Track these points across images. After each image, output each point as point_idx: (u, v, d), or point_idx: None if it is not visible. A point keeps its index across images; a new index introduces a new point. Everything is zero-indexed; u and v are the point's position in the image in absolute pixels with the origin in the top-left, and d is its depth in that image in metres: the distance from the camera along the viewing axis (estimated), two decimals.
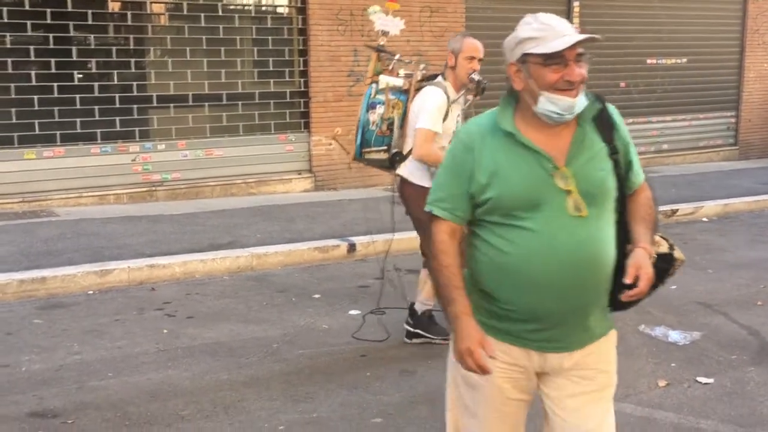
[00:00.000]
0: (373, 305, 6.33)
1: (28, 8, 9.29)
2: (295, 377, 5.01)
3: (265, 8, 11.24)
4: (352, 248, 8.07)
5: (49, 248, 7.51)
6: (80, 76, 9.74)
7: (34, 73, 9.46)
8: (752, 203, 10.92)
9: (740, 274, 7.46)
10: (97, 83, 9.81)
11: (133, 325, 5.97)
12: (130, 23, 10.02)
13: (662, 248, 2.63)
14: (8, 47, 9.31)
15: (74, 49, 9.66)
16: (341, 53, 11.16)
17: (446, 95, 5.23)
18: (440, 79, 5.36)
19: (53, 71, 9.54)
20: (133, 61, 10.11)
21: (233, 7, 10.86)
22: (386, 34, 5.93)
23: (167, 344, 5.57)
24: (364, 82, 6.10)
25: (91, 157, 9.83)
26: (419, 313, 5.58)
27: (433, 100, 5.20)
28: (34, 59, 9.44)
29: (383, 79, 5.55)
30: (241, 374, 5.05)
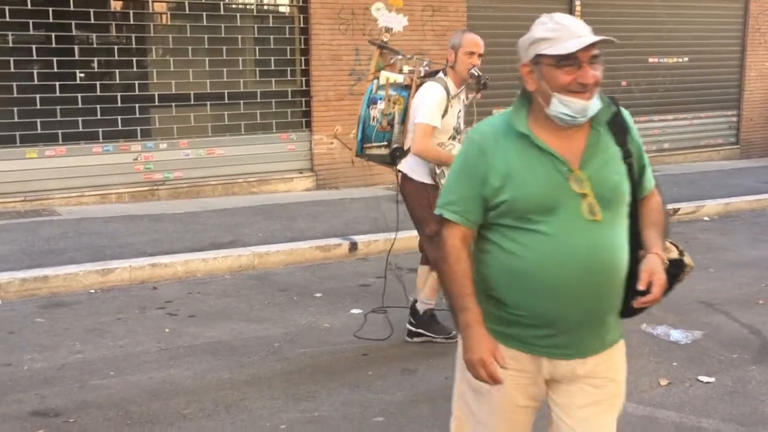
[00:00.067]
0: (374, 304, 6.34)
1: (30, 7, 9.29)
2: (296, 376, 5.02)
3: (266, 7, 11.24)
4: (353, 247, 8.07)
5: (51, 247, 7.52)
6: (82, 75, 9.74)
7: (36, 72, 9.47)
8: (753, 202, 10.92)
9: (741, 273, 7.46)
10: (99, 82, 9.82)
11: (134, 324, 5.98)
12: (132, 22, 10.03)
13: (673, 254, 2.60)
14: (10, 46, 9.32)
15: (76, 48, 9.67)
16: (343, 52, 11.16)
17: (446, 91, 5.23)
18: (441, 75, 5.36)
19: (55, 70, 9.54)
20: (134, 60, 10.12)
21: (235, 6, 10.86)
22: (390, 30, 5.93)
23: (169, 343, 5.58)
24: (366, 78, 6.10)
25: (92, 156, 9.83)
26: (421, 312, 5.58)
27: (432, 95, 5.19)
28: (36, 58, 9.45)
29: (384, 74, 5.55)
30: (242, 373, 5.05)
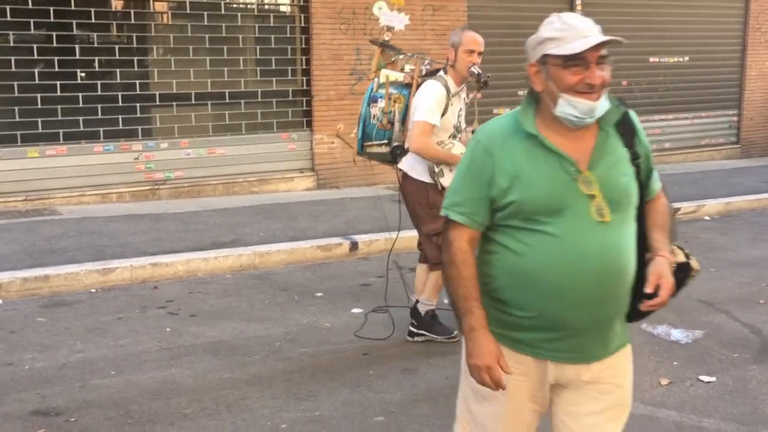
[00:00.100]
0: (375, 303, 6.35)
1: (31, 6, 9.29)
2: (297, 375, 5.02)
3: (267, 7, 11.24)
4: (354, 246, 8.08)
5: (52, 246, 7.52)
6: (83, 74, 9.75)
7: (37, 71, 9.47)
8: (754, 201, 10.93)
9: (742, 272, 7.46)
10: (99, 82, 9.83)
11: (135, 323, 5.98)
12: (132, 22, 10.04)
13: (679, 258, 2.57)
14: (11, 45, 9.32)
15: (77, 47, 9.67)
16: (344, 52, 11.16)
17: (446, 89, 5.22)
18: (441, 73, 5.35)
19: (56, 70, 9.55)
20: (135, 59, 10.12)
21: (236, 5, 10.87)
22: (391, 29, 5.94)
23: (170, 342, 5.58)
24: (367, 76, 6.11)
25: (93, 155, 9.83)
26: (422, 313, 5.58)
27: (431, 93, 5.19)
28: (37, 58, 9.44)
29: (384, 72, 5.56)
30: (243, 372, 5.06)
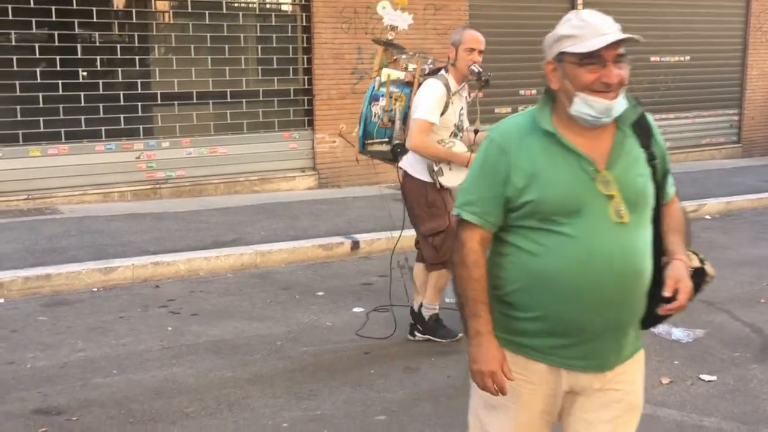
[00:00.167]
0: (376, 302, 6.36)
1: (32, 6, 9.30)
2: (299, 374, 5.03)
3: (269, 6, 11.24)
4: (355, 246, 8.08)
5: (53, 245, 7.53)
6: (85, 73, 9.76)
7: (38, 70, 9.47)
8: (755, 201, 10.93)
9: (743, 271, 7.46)
10: (101, 81, 9.84)
11: (137, 322, 5.99)
12: (134, 21, 10.05)
13: (694, 262, 2.51)
14: (13, 44, 9.32)
15: (79, 46, 9.67)
16: (345, 51, 11.16)
17: (446, 87, 5.22)
18: (442, 72, 5.35)
19: (58, 69, 9.56)
20: (137, 58, 10.12)
21: (237, 4, 10.87)
22: (395, 29, 5.95)
23: (171, 341, 5.59)
24: (370, 75, 6.12)
25: (95, 154, 9.84)
26: (426, 318, 5.57)
27: (431, 91, 5.19)
28: (38, 57, 9.45)
29: (385, 71, 5.56)
30: (245, 372, 5.06)
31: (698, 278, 2.48)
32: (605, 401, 2.50)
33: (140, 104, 10.08)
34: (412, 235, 5.78)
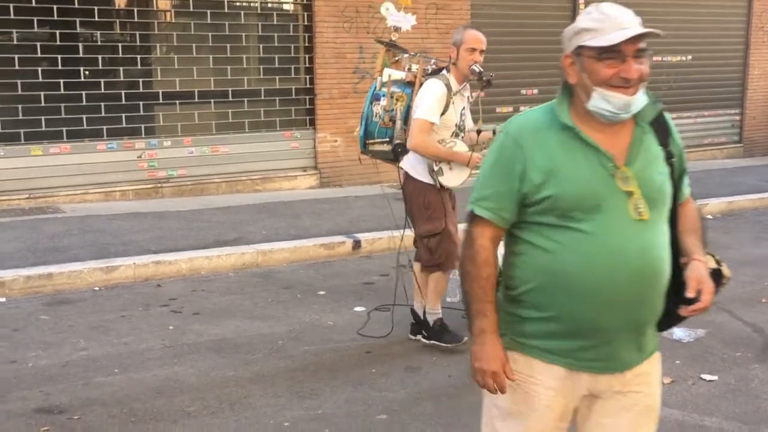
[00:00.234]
0: (377, 302, 6.36)
1: (34, 5, 9.30)
2: (300, 374, 5.03)
3: (270, 5, 11.24)
4: (357, 245, 8.09)
5: (55, 244, 7.54)
6: (86, 72, 9.77)
7: (40, 69, 9.48)
8: (757, 201, 10.93)
9: (744, 271, 7.45)
10: (103, 80, 9.84)
11: (139, 321, 5.99)
12: (136, 20, 10.05)
13: (710, 264, 2.47)
14: (15, 43, 9.33)
15: (80, 45, 9.68)
16: (347, 50, 11.16)
17: (447, 87, 5.21)
18: (444, 72, 5.35)
19: (59, 68, 9.56)
20: (139, 57, 10.12)
21: (239, 3, 10.87)
22: (398, 29, 5.95)
23: (173, 340, 5.59)
24: (372, 76, 6.13)
25: (97, 153, 9.85)
26: (431, 323, 5.55)
27: (431, 91, 5.18)
28: (40, 56, 9.45)
29: (386, 71, 5.57)
30: (246, 371, 5.07)
31: (715, 280, 2.45)
32: (625, 404, 2.44)
33: (142, 103, 10.09)
34: (412, 234, 5.77)
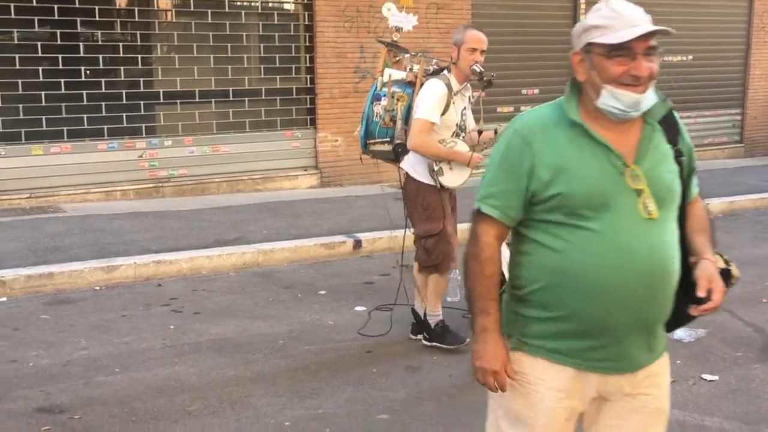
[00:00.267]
0: (378, 301, 6.37)
1: (35, 4, 9.31)
2: (301, 373, 5.03)
3: (271, 4, 11.24)
4: (358, 245, 8.09)
5: (56, 244, 7.54)
6: (87, 72, 9.76)
7: (41, 69, 9.49)
8: (757, 201, 10.92)
9: (745, 271, 7.33)
10: (104, 79, 9.85)
11: (139, 320, 6.00)
12: (136, 19, 10.06)
13: (719, 264, 2.44)
14: (15, 43, 9.33)
15: (81, 45, 9.68)
16: (347, 50, 11.17)
17: (448, 87, 5.21)
18: (445, 72, 5.35)
19: (60, 67, 9.56)
20: (139, 57, 10.12)
21: (240, 3, 10.87)
22: (400, 30, 5.96)
23: (174, 340, 5.59)
24: (373, 75, 6.13)
25: (98, 153, 9.85)
26: (432, 325, 5.54)
27: (432, 91, 5.18)
28: (41, 55, 9.45)
29: (387, 71, 5.57)
30: (247, 370, 5.07)
31: (723, 280, 2.41)
32: (635, 406, 2.42)
33: (143, 103, 10.10)
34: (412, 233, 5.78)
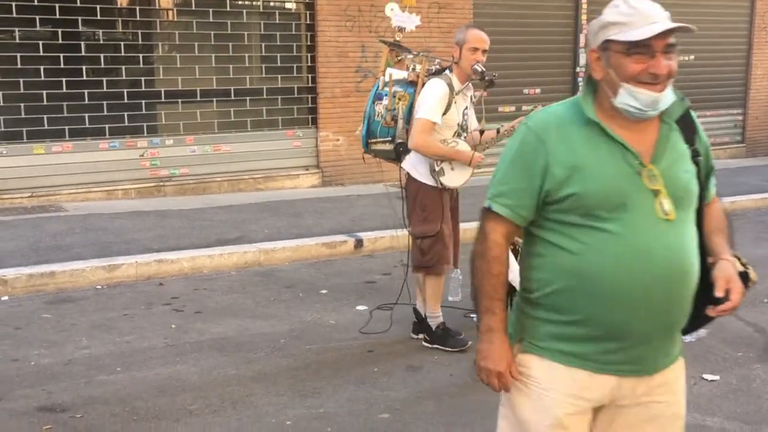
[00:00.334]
0: (379, 300, 6.36)
1: (36, 3, 9.31)
2: (302, 372, 5.04)
3: (273, 4, 11.24)
4: (359, 244, 8.09)
5: (57, 243, 7.55)
6: (89, 71, 9.76)
7: (42, 68, 9.49)
8: (759, 201, 10.91)
9: None
10: (105, 78, 9.85)
11: (141, 319, 6.00)
12: (138, 18, 10.06)
13: (737, 266, 2.38)
14: (17, 42, 9.34)
15: (83, 44, 9.69)
16: (349, 49, 11.16)
17: (449, 87, 5.21)
18: (447, 72, 5.35)
19: (62, 66, 9.56)
20: (141, 56, 10.12)
21: (241, 2, 10.87)
22: (402, 30, 5.96)
23: (175, 339, 5.60)
24: (375, 75, 6.13)
25: (99, 152, 9.85)
26: (433, 327, 5.53)
27: (433, 91, 5.18)
28: (42, 54, 9.46)
29: (388, 71, 5.57)
30: (248, 369, 5.07)
31: (742, 282, 2.36)
32: (649, 415, 2.36)
33: (144, 102, 10.10)
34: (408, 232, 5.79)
